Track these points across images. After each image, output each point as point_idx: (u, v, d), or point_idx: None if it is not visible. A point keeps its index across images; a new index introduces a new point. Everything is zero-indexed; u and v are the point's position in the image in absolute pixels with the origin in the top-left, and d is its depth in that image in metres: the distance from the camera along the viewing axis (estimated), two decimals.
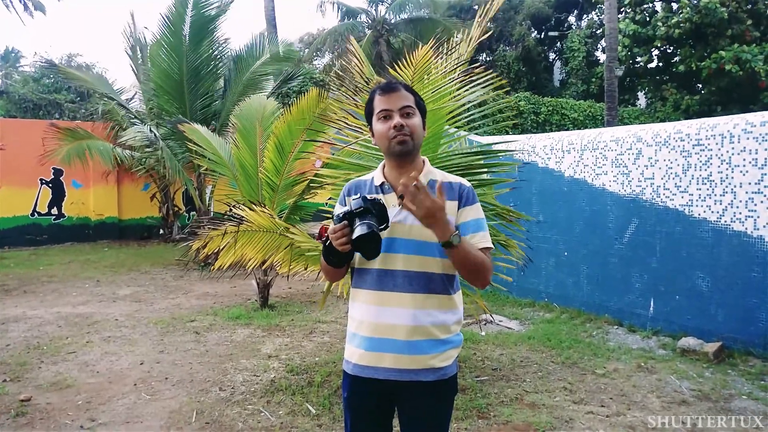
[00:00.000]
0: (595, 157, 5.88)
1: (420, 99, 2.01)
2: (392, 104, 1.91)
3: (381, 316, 1.89)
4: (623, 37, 17.39)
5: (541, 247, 6.38)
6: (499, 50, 22.94)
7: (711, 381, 4.22)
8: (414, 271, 1.88)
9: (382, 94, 1.94)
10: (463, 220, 1.92)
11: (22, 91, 16.36)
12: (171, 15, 9.85)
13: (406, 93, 1.94)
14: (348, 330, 2.04)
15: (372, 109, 1.97)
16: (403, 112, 1.90)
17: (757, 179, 4.61)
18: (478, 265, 1.85)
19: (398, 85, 1.97)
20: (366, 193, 1.96)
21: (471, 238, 1.90)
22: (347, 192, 2.05)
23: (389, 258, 1.86)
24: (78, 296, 7.31)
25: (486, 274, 1.91)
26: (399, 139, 1.88)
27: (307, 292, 7.49)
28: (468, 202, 1.94)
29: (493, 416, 3.66)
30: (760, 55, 15.49)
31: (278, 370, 4.51)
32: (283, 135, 5.93)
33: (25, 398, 3.94)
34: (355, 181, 2.08)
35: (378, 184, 1.98)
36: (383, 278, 1.89)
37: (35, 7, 19.28)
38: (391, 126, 1.89)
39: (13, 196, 11.74)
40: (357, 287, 1.99)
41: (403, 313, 1.87)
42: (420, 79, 3.70)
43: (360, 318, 1.96)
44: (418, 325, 1.87)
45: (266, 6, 17.02)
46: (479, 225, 1.94)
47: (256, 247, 4.29)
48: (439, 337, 1.90)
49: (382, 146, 1.95)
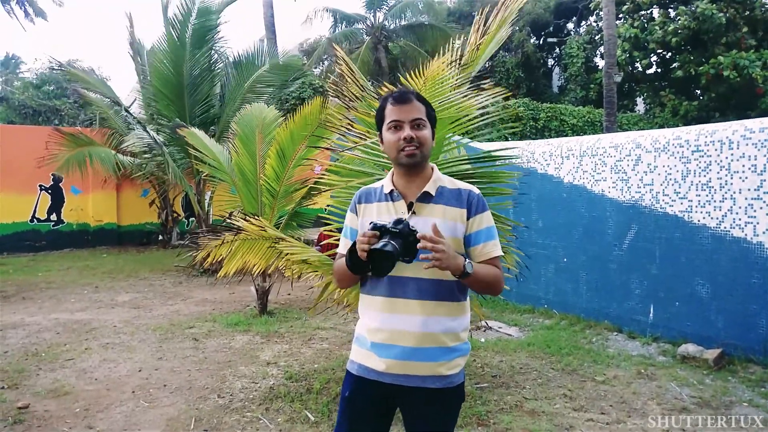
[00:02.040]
0: (594, 163, 5.89)
1: (431, 109, 2.00)
2: (404, 115, 1.91)
3: (391, 323, 1.90)
4: (623, 42, 17.46)
5: (541, 253, 6.38)
6: (499, 56, 22.99)
7: (711, 388, 4.21)
8: (425, 279, 1.88)
9: (394, 104, 1.94)
10: (475, 230, 1.93)
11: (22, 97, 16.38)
12: (174, 21, 9.92)
13: (418, 104, 1.94)
14: (356, 331, 2.04)
15: (383, 117, 1.97)
16: (414, 123, 1.90)
17: (756, 185, 4.61)
18: (490, 282, 1.90)
19: (411, 95, 1.96)
20: (375, 200, 2.00)
21: (483, 247, 1.92)
22: (357, 199, 2.06)
23: (400, 265, 1.86)
24: (76, 302, 7.29)
25: (498, 286, 1.94)
26: (408, 152, 1.88)
27: (306, 299, 7.47)
28: (478, 210, 1.94)
29: (492, 423, 3.64)
30: (758, 62, 15.56)
31: (277, 377, 4.49)
32: (285, 141, 5.93)
33: (22, 405, 3.92)
34: (365, 188, 2.09)
35: (387, 192, 1.99)
36: (394, 285, 1.90)
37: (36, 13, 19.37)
38: (401, 137, 1.89)
39: (12, 202, 11.72)
40: (367, 293, 2.00)
41: (413, 320, 1.88)
42: (430, 90, 3.70)
43: (369, 323, 1.96)
44: (427, 332, 1.87)
45: (265, 13, 17.07)
46: (490, 234, 1.95)
47: (258, 254, 4.29)
48: (448, 345, 1.90)
49: (390, 155, 1.96)
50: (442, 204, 1.92)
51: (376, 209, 1.99)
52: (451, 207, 1.92)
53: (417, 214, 1.91)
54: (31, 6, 19.11)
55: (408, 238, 1.77)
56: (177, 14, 9.88)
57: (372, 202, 2.02)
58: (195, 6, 9.93)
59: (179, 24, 9.90)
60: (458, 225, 1.91)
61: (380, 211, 1.97)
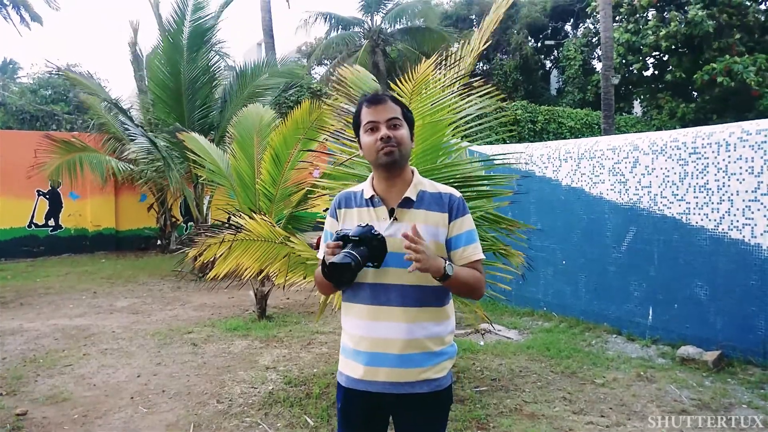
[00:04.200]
0: (592, 165, 5.89)
1: (407, 110, 2.00)
2: (379, 116, 1.91)
3: (375, 331, 1.89)
4: (618, 46, 17.51)
5: (539, 256, 6.37)
6: (496, 59, 23.05)
7: (711, 390, 4.21)
8: (408, 285, 1.87)
9: (368, 106, 1.94)
10: (456, 233, 1.92)
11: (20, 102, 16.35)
12: (169, 25, 9.88)
13: (392, 105, 1.94)
14: (342, 342, 2.03)
15: (359, 121, 1.97)
16: (390, 123, 1.90)
17: (753, 187, 4.62)
18: (471, 285, 1.89)
19: (385, 96, 1.96)
20: (356, 205, 1.98)
21: (463, 251, 1.92)
22: (337, 204, 2.05)
23: (382, 272, 1.85)
24: (75, 308, 7.28)
25: (480, 290, 1.94)
26: (386, 150, 1.87)
27: (305, 303, 7.47)
28: (459, 213, 1.93)
29: (492, 427, 3.63)
30: (752, 66, 15.58)
31: (276, 382, 4.48)
32: (278, 146, 5.95)
33: (21, 412, 3.90)
34: (345, 192, 2.07)
35: (368, 197, 1.97)
36: (376, 293, 1.89)
37: (32, 18, 19.35)
38: (377, 138, 1.88)
39: (10, 208, 11.72)
40: (349, 301, 1.98)
41: (398, 327, 1.86)
42: (419, 93, 3.72)
43: (353, 332, 1.95)
44: (412, 338, 1.87)
45: (263, 17, 17.09)
46: (471, 237, 1.94)
47: (253, 257, 4.28)
48: (433, 350, 1.90)
49: (369, 158, 1.95)
50: (423, 209, 1.91)
51: (356, 215, 1.97)
52: (433, 212, 1.91)
53: (399, 220, 1.90)
54: (27, 11, 19.10)
55: (372, 242, 1.77)
56: (172, 15, 9.82)
57: (352, 207, 2.00)
58: (189, 6, 9.77)
59: (175, 24, 9.84)
60: (440, 229, 1.90)
61: (361, 217, 1.95)
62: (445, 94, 3.75)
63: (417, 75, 3.66)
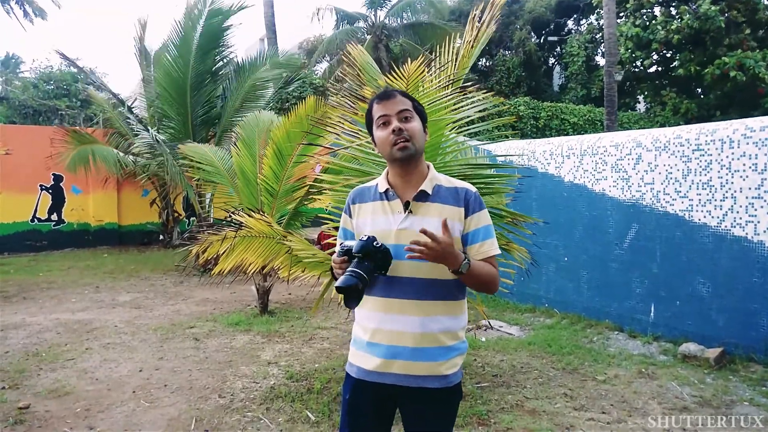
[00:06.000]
0: (594, 162, 5.88)
1: (418, 104, 2.00)
2: (389, 110, 1.91)
3: (389, 323, 1.89)
4: (626, 40, 17.44)
5: (542, 252, 6.36)
6: (499, 55, 22.98)
7: (712, 387, 4.21)
8: (422, 278, 1.87)
9: (379, 102, 1.95)
10: (473, 228, 1.92)
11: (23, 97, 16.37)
12: (184, 22, 9.98)
13: (402, 98, 1.94)
14: (354, 333, 2.03)
15: (371, 118, 1.98)
16: (401, 116, 1.91)
17: (757, 184, 4.60)
18: (487, 280, 1.90)
19: (394, 91, 1.97)
20: (370, 199, 1.98)
21: (481, 246, 1.92)
22: (351, 200, 2.05)
23: (397, 265, 1.85)
24: (77, 303, 7.30)
25: (495, 284, 1.95)
26: (400, 145, 1.87)
27: (307, 298, 7.47)
28: (475, 209, 1.93)
29: (493, 423, 3.64)
30: (762, 61, 15.58)
31: (278, 377, 4.49)
32: (281, 141, 5.94)
33: (23, 406, 3.92)
34: (360, 188, 2.08)
35: (382, 191, 1.97)
36: (391, 285, 1.89)
37: (35, 13, 19.36)
38: (390, 131, 1.89)
39: (13, 202, 11.74)
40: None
41: (411, 320, 1.87)
42: (413, 92, 3.70)
43: (367, 324, 1.95)
44: (426, 332, 1.87)
45: (266, 12, 17.06)
46: (488, 232, 1.94)
47: (256, 253, 4.29)
48: (446, 344, 1.90)
49: (384, 153, 1.95)
50: (439, 203, 1.91)
51: (371, 209, 1.97)
52: (449, 206, 1.91)
53: (414, 213, 1.90)
54: (30, 5, 19.10)
55: (376, 255, 1.77)
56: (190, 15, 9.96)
57: (366, 202, 2.00)
58: (206, 9, 10.00)
59: (191, 23, 9.99)
60: (456, 224, 1.89)
61: (375, 211, 1.96)
62: (441, 95, 3.73)
63: (408, 74, 3.63)
